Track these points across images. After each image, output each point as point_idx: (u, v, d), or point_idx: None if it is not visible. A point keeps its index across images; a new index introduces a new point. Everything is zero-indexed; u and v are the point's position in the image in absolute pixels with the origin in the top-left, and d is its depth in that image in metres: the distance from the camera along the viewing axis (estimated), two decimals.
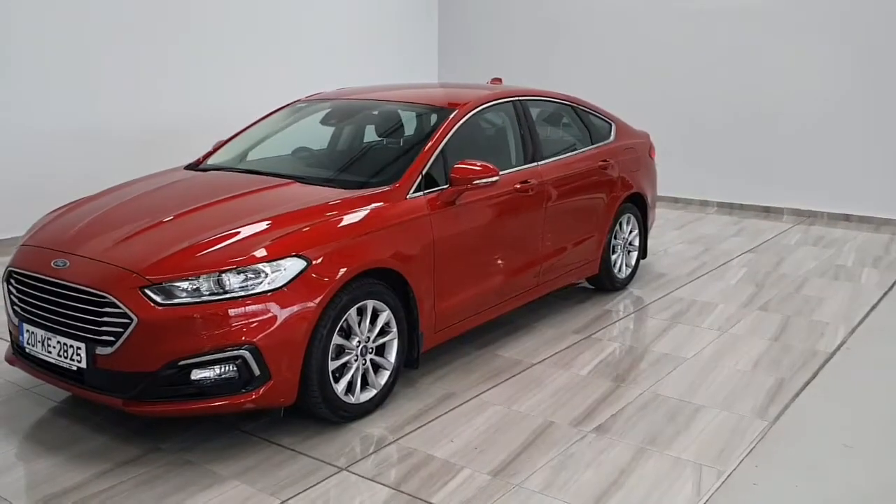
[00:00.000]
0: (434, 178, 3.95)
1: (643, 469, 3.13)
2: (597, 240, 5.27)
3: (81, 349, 3.12)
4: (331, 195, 3.70)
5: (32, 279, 3.35)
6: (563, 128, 5.44)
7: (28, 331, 3.35)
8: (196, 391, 3.07)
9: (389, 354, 3.63)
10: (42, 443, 3.31)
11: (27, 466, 3.13)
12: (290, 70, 8.56)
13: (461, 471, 3.10)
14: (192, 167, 4.50)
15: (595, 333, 4.75)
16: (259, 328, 3.07)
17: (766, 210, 8.83)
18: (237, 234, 3.29)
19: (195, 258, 3.14)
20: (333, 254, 3.32)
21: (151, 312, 3.00)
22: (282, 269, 3.15)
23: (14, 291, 3.45)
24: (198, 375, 3.04)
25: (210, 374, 3.05)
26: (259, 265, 3.13)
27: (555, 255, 4.84)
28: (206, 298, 3.04)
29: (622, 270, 5.64)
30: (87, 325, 3.12)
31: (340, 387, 3.37)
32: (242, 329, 3.04)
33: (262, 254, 3.17)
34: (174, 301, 3.03)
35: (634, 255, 5.79)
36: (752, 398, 3.81)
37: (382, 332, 3.59)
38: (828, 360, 4.34)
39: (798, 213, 8.64)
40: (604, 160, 5.33)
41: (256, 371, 3.09)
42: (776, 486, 3.02)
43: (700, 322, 4.98)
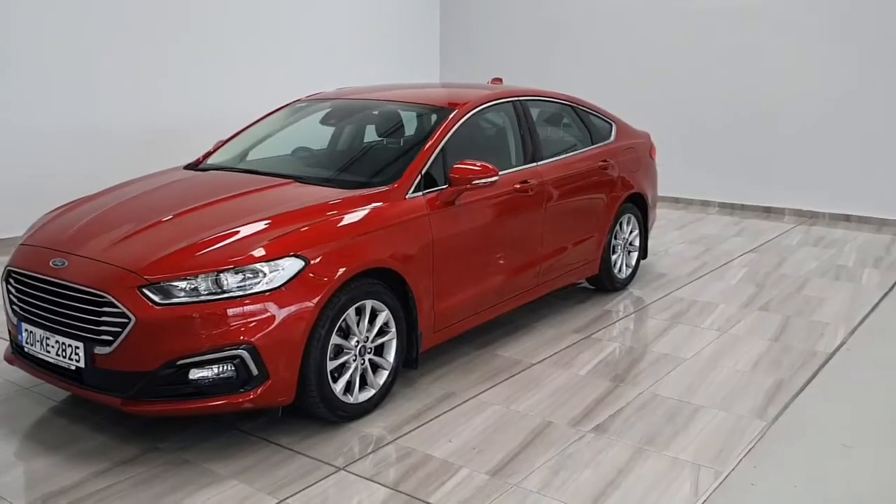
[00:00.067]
0: (434, 178, 3.94)
1: (641, 469, 3.13)
2: (597, 240, 5.26)
3: (80, 349, 3.12)
4: (330, 195, 3.70)
5: (31, 279, 3.36)
6: (564, 128, 5.43)
7: (27, 330, 3.36)
8: (194, 391, 3.07)
9: (388, 354, 3.63)
10: (41, 442, 3.31)
11: (26, 465, 3.13)
12: (290, 70, 8.56)
13: (459, 470, 3.10)
14: (192, 167, 4.51)
15: (595, 333, 4.74)
16: (257, 328, 3.07)
17: (768, 210, 8.82)
18: (235, 234, 3.29)
19: (193, 258, 3.15)
20: (332, 254, 3.32)
21: (149, 312, 3.00)
22: (280, 269, 3.15)
23: (13, 291, 3.46)
24: (196, 375, 3.04)
25: (208, 374, 3.05)
26: (257, 265, 3.13)
27: (554, 256, 4.84)
28: (205, 298, 3.04)
29: (622, 271, 5.64)
30: (86, 325, 3.12)
31: (339, 386, 3.38)
32: (240, 329, 3.05)
33: (261, 253, 3.17)
34: (172, 301, 3.03)
35: (635, 256, 5.79)
36: (752, 398, 3.81)
37: (381, 332, 3.59)
38: (827, 361, 4.34)
39: (799, 214, 8.63)
40: (604, 160, 5.32)
41: (254, 371, 3.09)
42: (774, 487, 3.02)
43: (700, 322, 4.98)
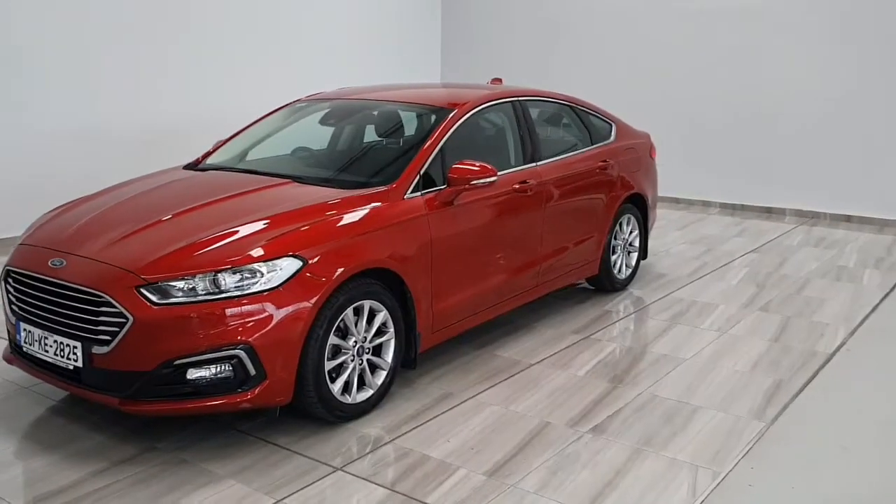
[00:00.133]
0: (432, 178, 3.94)
1: (639, 470, 3.12)
2: (596, 240, 5.26)
3: (78, 348, 3.12)
4: (328, 195, 3.70)
5: (30, 278, 3.36)
6: (563, 128, 5.43)
7: (25, 330, 3.36)
8: (192, 390, 3.07)
9: (386, 355, 3.63)
10: (39, 441, 3.31)
11: (24, 464, 3.13)
12: (290, 70, 8.56)
13: (457, 471, 3.09)
14: (191, 167, 4.51)
15: (594, 334, 4.74)
16: (255, 328, 3.07)
17: (769, 211, 8.82)
18: (234, 234, 3.29)
19: (191, 258, 3.15)
20: (330, 254, 3.32)
21: (147, 312, 3.00)
22: (278, 269, 3.15)
23: (12, 290, 3.46)
24: (194, 375, 3.04)
25: (206, 374, 3.05)
26: (255, 265, 3.13)
27: (554, 256, 4.83)
28: (202, 298, 3.04)
29: (622, 271, 5.63)
30: (84, 325, 3.12)
31: (337, 387, 3.37)
32: (238, 329, 3.04)
33: (259, 253, 3.17)
34: (170, 300, 3.03)
35: (634, 256, 5.78)
36: (750, 399, 3.80)
37: (379, 332, 3.58)
38: (827, 361, 4.33)
39: (800, 214, 8.62)
40: (604, 160, 5.32)
41: (252, 371, 3.09)
42: (772, 488, 3.01)
43: (700, 323, 4.97)
